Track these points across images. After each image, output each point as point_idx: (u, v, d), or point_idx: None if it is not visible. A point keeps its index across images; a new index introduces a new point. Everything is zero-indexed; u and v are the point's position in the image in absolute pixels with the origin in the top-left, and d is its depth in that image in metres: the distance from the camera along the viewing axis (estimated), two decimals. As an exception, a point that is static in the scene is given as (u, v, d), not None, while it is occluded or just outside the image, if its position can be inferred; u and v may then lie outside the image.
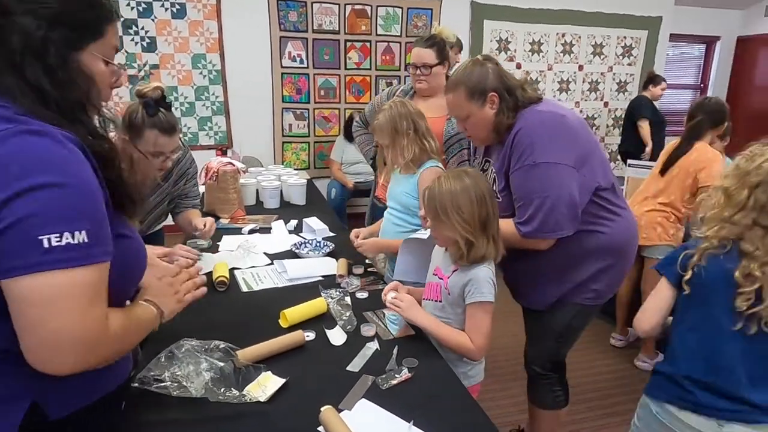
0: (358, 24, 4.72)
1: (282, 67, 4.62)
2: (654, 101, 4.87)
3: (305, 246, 2.07)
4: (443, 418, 1.08)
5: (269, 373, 1.17)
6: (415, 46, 2.29)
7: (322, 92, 4.80)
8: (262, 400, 1.09)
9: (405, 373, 1.21)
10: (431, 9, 4.89)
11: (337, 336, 1.39)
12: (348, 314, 1.50)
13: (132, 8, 4.13)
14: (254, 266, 1.89)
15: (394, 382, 1.18)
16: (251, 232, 2.30)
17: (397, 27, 4.84)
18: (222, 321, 1.47)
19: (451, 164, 2.21)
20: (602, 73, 5.71)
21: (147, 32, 4.24)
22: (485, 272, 1.31)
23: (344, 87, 4.84)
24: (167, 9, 4.25)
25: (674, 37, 5.97)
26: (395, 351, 1.31)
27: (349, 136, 4.54)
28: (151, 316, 0.97)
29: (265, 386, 1.12)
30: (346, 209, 4.61)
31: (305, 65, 4.67)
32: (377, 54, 4.86)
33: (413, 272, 1.65)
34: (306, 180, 3.02)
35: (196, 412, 1.05)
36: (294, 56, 4.62)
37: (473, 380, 1.42)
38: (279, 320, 1.45)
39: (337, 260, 1.89)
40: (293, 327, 1.41)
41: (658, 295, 1.33)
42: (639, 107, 4.83)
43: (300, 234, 2.29)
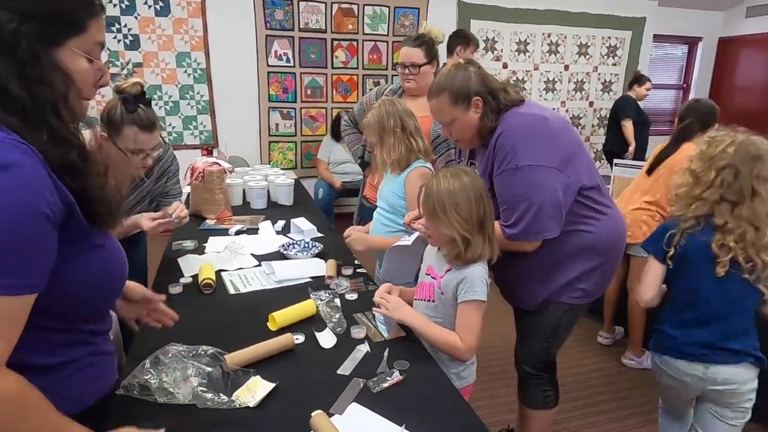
0: (345, 23, 4.70)
1: (268, 66, 4.58)
2: (639, 101, 4.93)
3: (293, 247, 2.04)
4: (436, 421, 1.07)
5: (258, 378, 1.14)
6: (404, 46, 2.29)
7: (309, 91, 4.77)
8: (252, 406, 1.06)
9: (396, 376, 1.20)
10: (418, 8, 4.88)
11: (327, 338, 1.37)
12: (338, 316, 1.48)
13: (114, 5, 4.06)
14: (241, 268, 1.86)
15: (386, 385, 1.17)
16: (238, 233, 2.27)
17: (384, 26, 4.83)
18: (209, 324, 1.44)
19: (438, 164, 2.20)
20: (587, 73, 5.76)
21: (130, 30, 4.17)
22: (479, 271, 1.30)
23: (331, 86, 4.82)
24: (150, 6, 4.19)
25: (657, 38, 6.05)
26: (386, 353, 1.29)
27: (337, 136, 4.52)
28: None
29: (255, 391, 1.09)
30: (334, 209, 4.58)
31: (292, 64, 4.64)
32: (364, 53, 4.84)
33: (398, 275, 1.64)
34: (293, 180, 2.99)
35: (184, 420, 1.03)
36: (280, 55, 4.59)
37: (465, 381, 1.41)
38: (267, 323, 1.42)
39: (326, 261, 1.87)
40: (282, 330, 1.39)
41: (651, 271, 1.58)
42: (623, 107, 4.88)
43: (288, 235, 2.26)
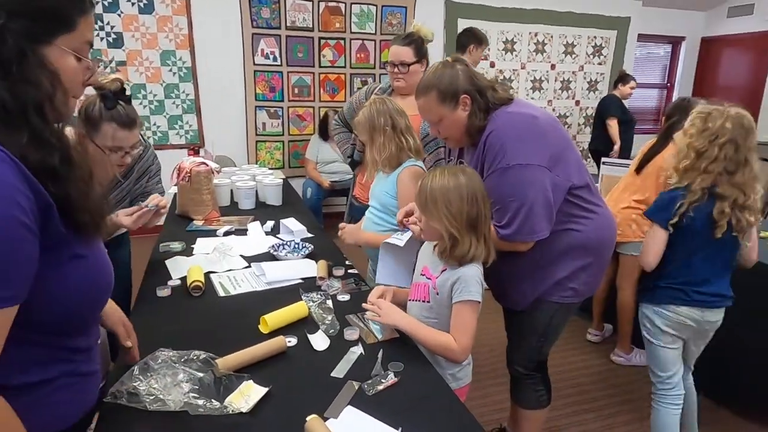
0: (332, 21, 4.67)
1: (255, 65, 4.53)
2: (623, 100, 4.97)
3: (283, 248, 2.02)
4: (432, 424, 1.06)
5: (251, 382, 1.12)
6: (393, 44, 2.28)
7: (296, 90, 4.73)
8: (245, 411, 1.04)
9: (391, 378, 1.19)
10: (405, 7, 4.88)
11: (320, 341, 1.35)
12: (330, 318, 1.47)
13: (97, 2, 3.99)
14: (231, 269, 1.83)
15: (381, 388, 1.16)
16: (226, 234, 2.23)
17: (372, 25, 4.81)
18: (199, 328, 1.41)
19: (427, 162, 2.19)
20: (574, 72, 5.80)
21: (113, 27, 4.10)
22: (474, 271, 1.30)
23: (319, 85, 4.79)
24: (134, 4, 4.13)
25: (642, 37, 6.11)
26: (380, 355, 1.28)
27: (324, 135, 4.50)
28: None
29: (248, 396, 1.07)
30: (323, 209, 4.56)
31: (278, 63, 4.60)
32: (352, 52, 4.82)
33: (392, 276, 1.63)
34: (282, 180, 2.96)
35: (175, 427, 1.00)
36: (267, 53, 4.54)
37: (461, 382, 1.40)
38: (259, 326, 1.40)
39: (317, 262, 1.85)
40: (274, 332, 1.37)
41: (655, 238, 1.72)
42: (608, 106, 4.93)
43: (277, 235, 2.24)
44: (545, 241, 1.51)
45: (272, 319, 1.39)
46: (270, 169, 3.42)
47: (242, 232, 2.28)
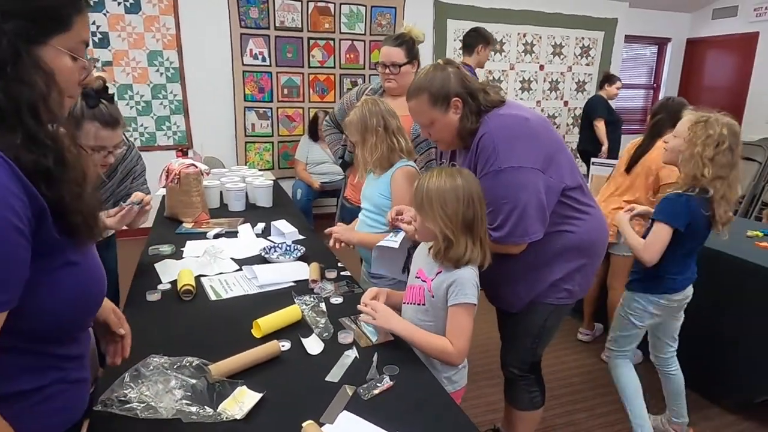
0: (322, 21, 4.65)
1: (243, 65, 4.50)
2: (610, 100, 5.01)
3: (275, 250, 2.00)
4: (429, 428, 1.05)
5: (245, 388, 1.10)
6: (384, 45, 2.26)
7: (286, 91, 4.70)
8: (239, 418, 1.02)
9: (387, 382, 1.17)
10: (395, 7, 4.87)
11: (314, 345, 1.34)
12: (324, 321, 1.45)
13: (82, 2, 3.92)
14: (222, 273, 1.81)
15: (376, 392, 1.14)
16: (217, 237, 2.21)
17: (361, 25, 4.80)
18: (190, 333, 1.39)
19: (418, 163, 2.19)
20: (562, 73, 5.84)
21: (99, 27, 4.04)
22: (470, 274, 1.29)
23: (308, 86, 4.76)
24: (120, 3, 4.07)
25: (628, 39, 6.17)
26: (375, 358, 1.26)
27: (314, 136, 4.47)
28: None
29: (242, 402, 1.05)
30: (313, 210, 4.54)
31: (267, 63, 4.57)
32: (341, 52, 4.80)
33: (386, 276, 1.62)
34: (272, 181, 2.94)
35: (167, 435, 0.98)
36: (256, 54, 4.51)
37: (457, 385, 1.39)
38: (252, 330, 1.38)
39: (309, 264, 1.84)
40: (267, 337, 1.35)
41: (662, 237, 1.81)
42: (594, 107, 4.95)
43: (268, 238, 2.21)
44: (539, 243, 1.51)
45: (265, 324, 1.37)
46: (260, 171, 3.40)
47: (232, 235, 2.26)
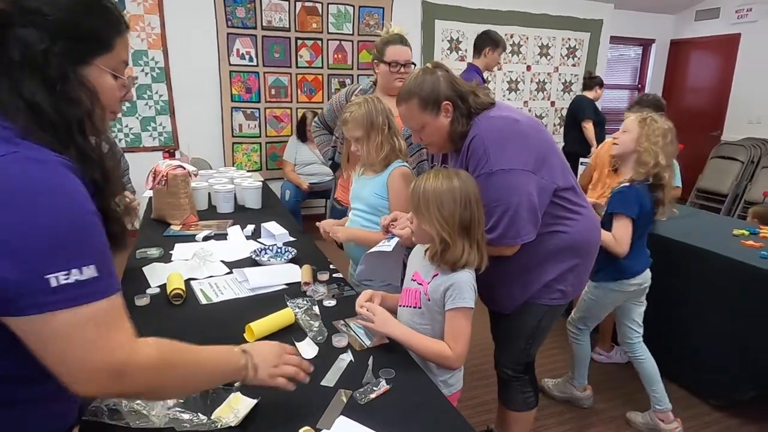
0: (309, 21, 4.62)
1: (230, 65, 4.45)
2: (595, 101, 5.05)
3: (265, 252, 1.97)
4: (427, 431, 1.04)
5: (239, 394, 1.08)
6: (395, 45, 2.23)
7: (273, 91, 4.66)
8: (234, 425, 1.00)
9: (383, 386, 1.16)
10: (383, 7, 4.85)
11: (308, 348, 1.32)
12: (317, 324, 1.43)
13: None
14: (212, 276, 1.78)
15: (373, 396, 1.13)
16: (206, 239, 2.17)
17: (349, 25, 4.78)
18: (181, 338, 1.33)
19: (410, 163, 2.18)
20: (549, 74, 5.88)
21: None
22: (467, 277, 1.28)
23: (296, 86, 4.73)
24: (104, 2, 3.99)
25: (614, 39, 6.24)
26: (371, 362, 1.25)
27: (302, 136, 4.44)
28: (235, 363, 0.95)
29: (236, 409, 1.03)
30: (301, 211, 4.50)
31: (255, 63, 4.52)
32: (329, 52, 4.77)
33: (376, 280, 1.60)
34: (261, 182, 2.91)
35: (160, 444, 0.96)
36: (243, 54, 4.47)
37: (453, 388, 1.38)
38: (244, 334, 1.35)
39: (301, 267, 1.81)
40: (260, 341, 1.32)
41: (628, 229, 1.97)
42: (582, 108, 4.96)
43: (258, 240, 2.19)
44: (533, 244, 1.51)
45: (258, 327, 1.35)
46: (248, 172, 3.36)
47: (222, 237, 2.22)
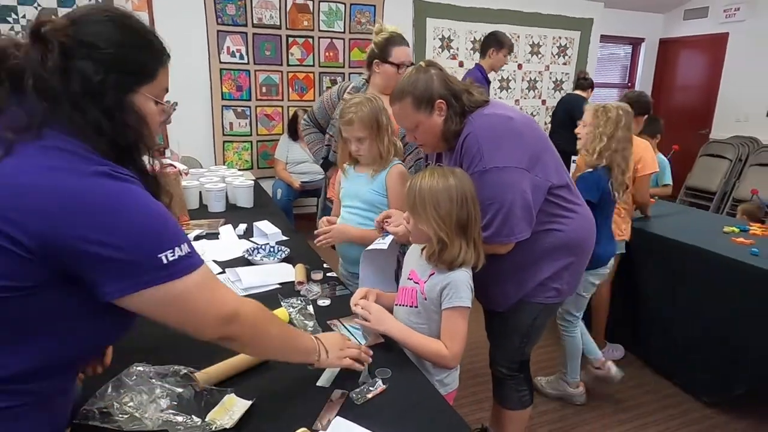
0: (300, 19, 4.58)
1: (221, 63, 4.40)
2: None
3: (258, 252, 1.95)
4: (424, 431, 1.03)
5: (234, 396, 1.06)
6: (400, 45, 2.22)
7: (264, 89, 4.62)
8: (229, 427, 0.99)
9: (379, 386, 1.15)
10: (374, 5, 4.83)
11: (303, 348, 1.30)
12: (312, 324, 1.42)
13: (50, -4, 3.79)
14: (204, 276, 1.76)
15: (369, 396, 1.12)
16: (197, 239, 2.15)
17: (340, 23, 4.75)
18: (175, 340, 1.30)
19: (408, 162, 2.17)
20: (540, 72, 5.89)
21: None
22: (464, 276, 1.27)
23: (287, 84, 4.69)
24: (91, -2, 3.93)
25: (604, 38, 6.26)
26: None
27: (294, 135, 4.41)
28: (309, 342, 1.11)
29: (231, 411, 1.01)
30: (293, 210, 4.48)
31: (245, 61, 4.48)
32: (320, 50, 4.74)
33: (379, 283, 1.59)
34: (253, 181, 2.88)
35: (153, 447, 0.94)
36: (233, 51, 4.42)
37: (449, 388, 1.38)
38: (238, 335, 1.34)
39: (294, 266, 1.80)
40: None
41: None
42: (579, 108, 4.95)
43: (251, 239, 2.17)
44: (527, 242, 1.50)
45: (252, 328, 1.33)
46: (239, 170, 3.33)
47: (213, 236, 2.20)
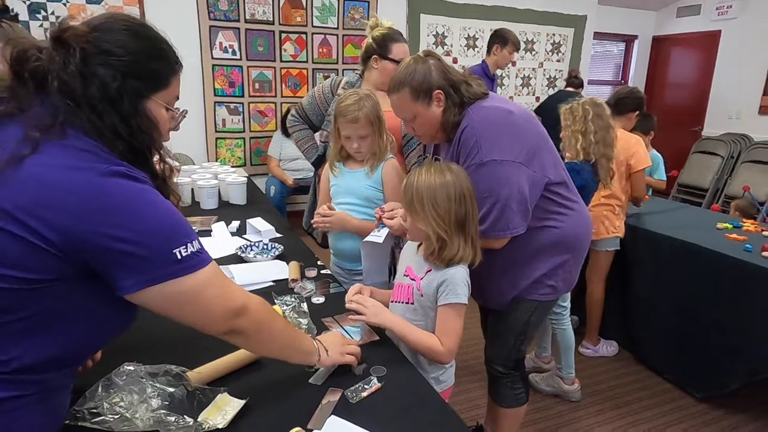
0: (293, 15, 4.55)
1: (213, 59, 4.37)
2: None
3: (251, 249, 1.93)
4: (420, 429, 1.02)
5: (227, 395, 1.04)
6: (400, 42, 2.20)
7: (257, 85, 4.59)
8: (222, 427, 0.97)
9: (374, 384, 1.13)
10: (368, 1, 4.81)
11: (297, 347, 1.29)
12: (306, 322, 1.40)
13: (40, -9, 3.73)
14: (197, 273, 1.74)
15: (365, 395, 1.10)
16: (190, 236, 2.12)
17: (334, 19, 4.72)
18: (167, 338, 1.31)
19: (410, 159, 2.16)
20: (534, 69, 5.89)
21: (58, 17, 3.85)
22: (461, 273, 1.26)
23: (280, 80, 4.66)
24: (81, -8, 3.89)
25: (597, 35, 6.27)
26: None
27: (287, 132, 4.37)
28: (309, 343, 1.12)
29: (224, 411, 1.00)
30: (287, 207, 4.45)
31: (238, 57, 4.45)
32: (314, 46, 4.71)
33: (375, 274, 1.58)
34: (246, 178, 2.86)
35: (145, 448, 0.92)
36: (225, 47, 4.39)
37: (445, 385, 1.37)
38: (232, 333, 1.32)
39: (288, 263, 1.78)
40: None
41: None
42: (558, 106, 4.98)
43: (244, 236, 2.14)
44: (523, 238, 1.49)
45: (245, 326, 1.31)
46: (232, 167, 3.30)
47: (206, 234, 2.18)
